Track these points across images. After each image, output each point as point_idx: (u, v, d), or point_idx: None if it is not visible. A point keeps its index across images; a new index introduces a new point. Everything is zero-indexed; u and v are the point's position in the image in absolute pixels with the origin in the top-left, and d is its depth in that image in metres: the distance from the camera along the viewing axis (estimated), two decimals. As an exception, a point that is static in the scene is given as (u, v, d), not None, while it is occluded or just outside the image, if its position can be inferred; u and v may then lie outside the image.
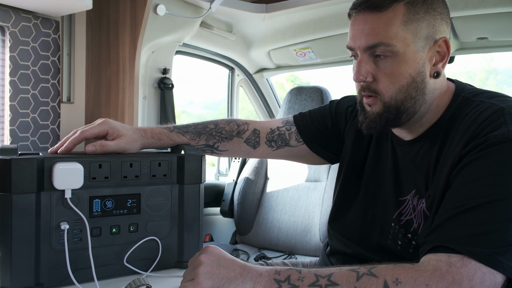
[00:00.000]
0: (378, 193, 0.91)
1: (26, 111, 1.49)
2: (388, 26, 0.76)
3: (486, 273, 0.61)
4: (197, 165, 0.98)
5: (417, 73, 0.78)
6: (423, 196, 0.80)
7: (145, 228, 0.93)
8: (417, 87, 0.79)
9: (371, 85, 0.81)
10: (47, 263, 0.82)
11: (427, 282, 0.61)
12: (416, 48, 0.77)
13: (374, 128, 0.83)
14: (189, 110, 5.37)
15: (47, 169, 0.81)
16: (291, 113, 2.01)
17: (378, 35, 0.77)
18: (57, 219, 0.83)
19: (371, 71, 0.80)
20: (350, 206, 0.96)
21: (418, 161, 0.83)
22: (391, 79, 0.79)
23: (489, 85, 8.04)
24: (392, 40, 0.76)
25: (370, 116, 0.83)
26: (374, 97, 0.81)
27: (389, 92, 0.79)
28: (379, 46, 0.77)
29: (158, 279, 0.90)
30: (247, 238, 2.00)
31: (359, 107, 0.87)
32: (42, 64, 1.53)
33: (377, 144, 0.96)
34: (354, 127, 1.01)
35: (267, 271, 0.67)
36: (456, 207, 0.68)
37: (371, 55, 0.80)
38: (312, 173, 1.93)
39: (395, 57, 0.77)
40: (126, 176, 0.90)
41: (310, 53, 2.14)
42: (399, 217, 0.83)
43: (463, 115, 0.78)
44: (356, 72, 0.81)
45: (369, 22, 0.78)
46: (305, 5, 1.73)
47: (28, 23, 1.47)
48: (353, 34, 0.82)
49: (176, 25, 1.69)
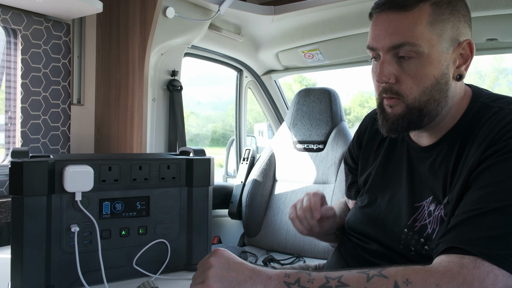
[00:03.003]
0: (392, 199, 0.90)
1: (37, 113, 1.50)
2: (414, 26, 0.74)
3: (499, 276, 0.61)
4: (206, 167, 0.98)
5: (441, 75, 0.77)
6: (441, 202, 0.79)
7: (154, 231, 0.93)
8: (441, 89, 0.78)
9: (393, 87, 0.79)
10: (57, 265, 0.83)
11: (437, 282, 0.61)
12: (441, 50, 0.76)
13: (396, 130, 0.81)
14: (197, 111, 5.39)
15: (58, 171, 0.82)
16: (299, 115, 2.01)
17: (404, 35, 0.75)
18: (68, 222, 0.84)
19: (394, 72, 0.78)
20: (366, 207, 0.96)
21: (436, 167, 0.82)
22: (415, 80, 0.77)
23: (500, 85, 7.96)
24: (418, 40, 0.74)
25: (392, 117, 0.80)
26: (396, 99, 0.79)
27: (413, 94, 0.77)
28: (404, 46, 0.75)
29: (167, 282, 0.90)
30: (255, 240, 1.99)
31: (379, 109, 0.84)
32: (53, 67, 1.55)
33: (389, 150, 0.95)
34: (371, 132, 1.01)
35: (276, 274, 0.67)
36: (473, 210, 0.67)
37: (394, 56, 0.78)
38: (320, 175, 1.92)
39: (420, 58, 0.75)
40: (136, 178, 0.91)
41: (318, 54, 2.13)
42: (414, 223, 0.82)
43: (483, 120, 0.77)
44: (378, 73, 0.78)
45: (394, 22, 0.76)
46: (313, 6, 1.72)
47: (39, 26, 1.49)
48: (376, 34, 0.79)
49: (185, 27, 1.69)
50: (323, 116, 1.96)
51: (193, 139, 7.92)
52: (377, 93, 0.83)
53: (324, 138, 1.94)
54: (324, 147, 1.94)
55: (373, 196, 0.94)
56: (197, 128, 8.58)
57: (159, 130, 1.78)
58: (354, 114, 13.93)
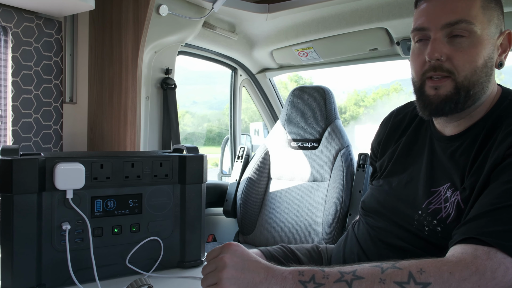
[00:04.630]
0: (410, 183, 0.91)
1: (29, 112, 1.49)
2: (470, 7, 0.79)
3: (510, 268, 0.62)
4: (199, 165, 0.98)
5: (489, 57, 0.81)
6: (458, 188, 0.80)
7: (147, 228, 0.93)
8: (488, 72, 0.81)
9: (444, 64, 0.80)
10: (49, 264, 0.82)
11: (450, 270, 0.62)
12: (489, 34, 0.81)
13: (442, 110, 0.82)
14: (193, 110, 5.39)
15: (48, 169, 0.81)
16: (293, 113, 2.01)
17: (461, 13, 0.79)
18: (59, 220, 0.83)
19: (446, 50, 0.80)
20: (383, 187, 0.97)
21: (457, 156, 0.83)
22: (468, 57, 0.79)
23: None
24: (473, 19, 0.79)
25: (436, 99, 0.82)
26: (443, 79, 0.80)
27: (465, 71, 0.79)
28: (460, 23, 0.78)
29: (160, 279, 0.90)
30: (250, 238, 1.99)
31: (418, 93, 0.85)
32: (45, 65, 1.53)
33: (412, 137, 0.97)
34: (392, 126, 1.03)
35: (290, 273, 0.66)
36: (493, 204, 0.68)
37: (446, 36, 0.80)
38: (315, 173, 1.92)
39: (473, 37, 0.79)
40: (128, 176, 0.90)
41: (313, 53, 2.13)
42: (428, 206, 0.84)
43: (510, 117, 0.79)
44: (431, 49, 0.80)
45: (449, 2, 0.80)
46: (307, 5, 1.72)
47: (30, 23, 1.47)
48: (430, 13, 0.82)
49: (178, 25, 1.68)
50: (318, 114, 1.96)
51: (188, 138, 7.91)
52: (420, 74, 0.84)
53: (318, 136, 1.95)
54: (319, 145, 1.94)
55: (392, 179, 0.96)
56: (192, 127, 8.57)
57: (153, 129, 1.78)
58: (350, 113, 13.97)
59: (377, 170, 1.05)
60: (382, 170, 1.01)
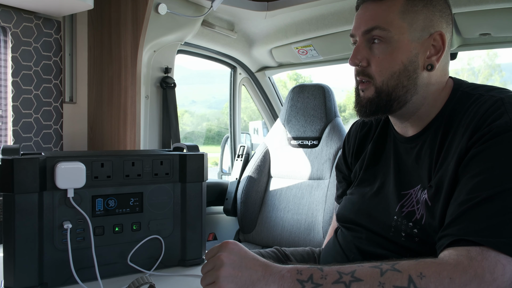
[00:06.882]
0: (381, 190, 0.92)
1: (29, 112, 1.49)
2: (386, 13, 0.82)
3: (506, 265, 0.62)
4: (199, 163, 0.98)
5: (409, 61, 0.82)
6: (425, 187, 0.81)
7: (148, 227, 0.93)
8: (409, 76, 0.82)
9: (365, 70, 0.85)
10: (50, 263, 0.82)
11: (451, 275, 0.62)
12: (410, 38, 0.81)
13: (364, 112, 0.87)
14: (192, 110, 5.39)
15: (49, 168, 0.81)
16: (293, 111, 2.01)
17: (376, 20, 0.82)
18: (60, 219, 0.83)
19: (366, 56, 0.84)
20: (356, 198, 0.98)
21: (421, 156, 0.84)
22: (384, 64, 0.82)
23: (493, 82, 7.99)
24: (388, 26, 0.81)
25: (362, 101, 0.87)
26: (367, 83, 0.85)
27: (381, 77, 0.83)
28: (375, 29, 0.82)
29: (162, 278, 0.90)
30: (250, 236, 1.99)
31: (355, 93, 0.91)
32: (44, 65, 1.53)
33: (377, 144, 0.98)
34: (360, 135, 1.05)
35: (288, 271, 0.66)
36: (469, 199, 0.68)
37: (368, 41, 0.84)
38: (315, 171, 1.92)
39: (389, 43, 0.82)
40: (128, 175, 0.91)
41: (312, 50, 2.13)
42: (401, 209, 0.84)
43: (464, 108, 0.79)
44: (352, 56, 0.86)
45: (370, 10, 0.84)
46: (306, 2, 1.72)
47: (29, 23, 1.47)
48: (356, 20, 0.87)
49: (177, 24, 1.68)
50: (317, 112, 1.96)
51: (188, 137, 7.92)
52: (355, 76, 0.89)
53: (318, 134, 1.95)
54: (319, 143, 1.94)
55: (363, 188, 0.97)
56: (192, 127, 8.57)
57: (152, 128, 1.78)
58: (349, 112, 13.94)
59: (352, 180, 1.05)
60: (355, 179, 1.02)
